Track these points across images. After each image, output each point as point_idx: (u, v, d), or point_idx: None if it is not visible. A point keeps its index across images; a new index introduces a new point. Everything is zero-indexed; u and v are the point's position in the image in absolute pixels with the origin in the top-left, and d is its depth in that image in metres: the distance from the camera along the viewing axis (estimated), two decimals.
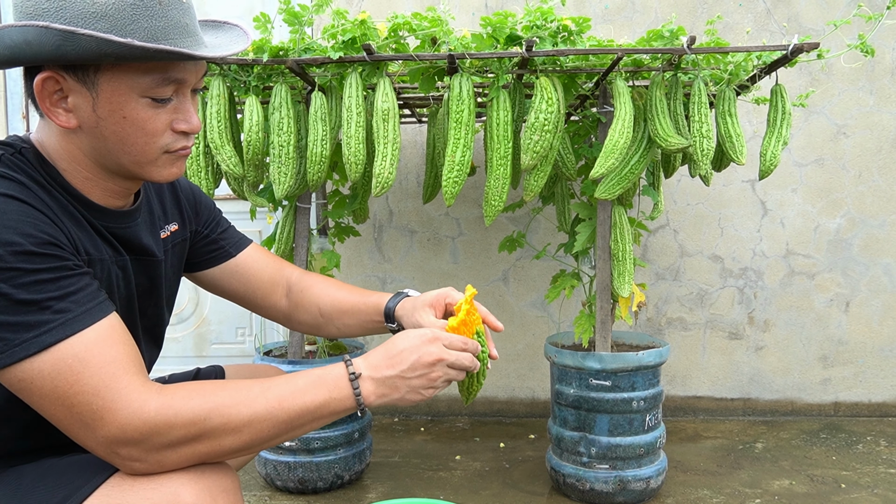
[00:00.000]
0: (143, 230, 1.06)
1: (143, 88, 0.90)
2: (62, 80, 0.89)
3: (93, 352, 0.83)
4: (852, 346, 2.91)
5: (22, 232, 0.82)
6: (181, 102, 0.95)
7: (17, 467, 0.93)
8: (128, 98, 0.90)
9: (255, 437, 0.90)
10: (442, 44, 1.85)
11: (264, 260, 1.32)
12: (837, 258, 2.89)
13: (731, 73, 1.96)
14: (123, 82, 0.89)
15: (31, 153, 0.93)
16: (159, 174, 0.98)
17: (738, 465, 2.41)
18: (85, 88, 0.89)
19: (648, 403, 2.05)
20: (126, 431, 0.83)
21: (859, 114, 2.83)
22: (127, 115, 0.91)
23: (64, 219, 0.91)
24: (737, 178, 2.89)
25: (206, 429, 0.86)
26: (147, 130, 0.93)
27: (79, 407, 0.82)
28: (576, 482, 2.06)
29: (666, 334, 2.96)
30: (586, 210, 2.17)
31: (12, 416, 0.94)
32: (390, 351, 0.99)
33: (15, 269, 0.80)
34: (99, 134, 0.92)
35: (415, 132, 2.96)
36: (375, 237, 3.02)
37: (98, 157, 0.94)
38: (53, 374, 0.81)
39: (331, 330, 1.31)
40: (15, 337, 0.80)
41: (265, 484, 2.25)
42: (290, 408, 0.91)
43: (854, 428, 2.79)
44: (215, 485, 0.89)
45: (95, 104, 0.90)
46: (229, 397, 0.89)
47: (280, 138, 1.96)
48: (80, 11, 0.85)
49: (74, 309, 0.84)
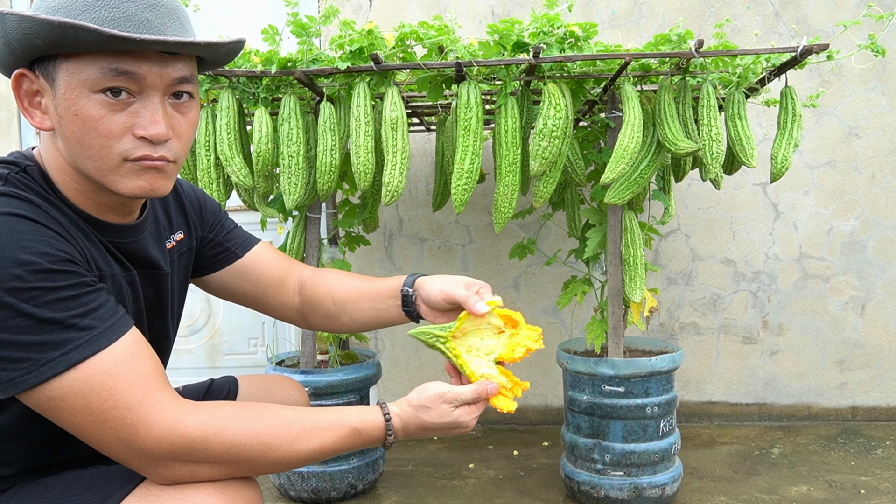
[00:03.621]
0: (149, 243, 1.06)
1: (92, 82, 0.85)
2: (33, 78, 0.87)
3: (122, 367, 0.84)
4: (869, 350, 2.88)
5: (38, 251, 0.81)
6: (143, 105, 0.88)
7: (41, 480, 0.94)
8: (80, 93, 0.85)
9: (289, 466, 0.95)
10: (449, 52, 1.85)
11: (274, 258, 1.29)
12: (852, 260, 2.86)
13: (740, 76, 1.95)
14: (76, 76, 0.85)
15: (35, 170, 0.92)
16: (123, 185, 0.90)
17: (754, 472, 2.38)
18: (48, 84, 0.86)
19: (662, 409, 2.03)
20: (162, 445, 0.84)
21: (871, 115, 2.80)
22: (79, 113, 0.85)
23: (75, 235, 0.90)
24: (748, 182, 2.87)
25: (244, 454, 0.89)
26: (100, 131, 0.86)
27: (113, 422, 0.83)
28: (590, 489, 2.05)
29: (679, 339, 2.94)
30: (597, 215, 2.16)
31: (31, 433, 0.95)
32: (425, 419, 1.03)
33: (36, 289, 0.80)
34: (63, 135, 0.88)
35: (423, 140, 2.96)
36: (386, 246, 3.02)
37: (73, 164, 0.91)
38: (85, 390, 0.81)
39: (343, 319, 1.27)
40: (41, 357, 0.80)
41: (279, 494, 2.24)
42: (328, 450, 0.96)
43: (872, 433, 2.75)
44: (240, 495, 0.91)
45: (56, 100, 0.86)
46: (271, 429, 0.91)
47: (289, 149, 1.97)
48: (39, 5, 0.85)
49: (99, 325, 0.84)
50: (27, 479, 0.95)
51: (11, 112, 3.16)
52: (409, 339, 3.04)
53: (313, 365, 2.22)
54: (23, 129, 3.20)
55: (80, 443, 0.95)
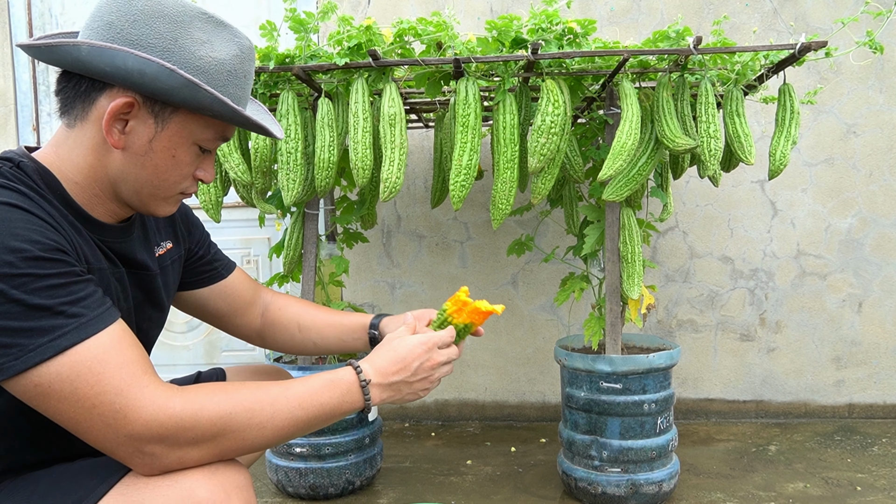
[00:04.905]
0: (137, 246, 1.09)
1: (201, 138, 1.00)
2: (137, 107, 0.94)
3: (111, 353, 0.84)
4: (866, 347, 2.88)
5: (29, 239, 0.83)
6: (209, 157, 1.05)
7: (31, 474, 0.94)
8: (184, 141, 0.98)
9: (276, 434, 0.94)
10: (447, 48, 1.85)
11: (247, 282, 1.39)
12: (849, 258, 2.86)
13: (739, 73, 1.95)
14: (188, 128, 0.98)
15: (29, 167, 0.94)
16: (164, 209, 1.05)
17: (751, 468, 2.39)
18: (153, 121, 0.95)
19: (660, 406, 2.04)
20: (151, 428, 0.84)
21: (869, 112, 2.81)
22: (176, 155, 0.99)
23: (65, 228, 0.92)
24: (746, 179, 2.88)
25: (231, 424, 0.90)
26: (183, 172, 1.01)
27: (101, 407, 0.83)
28: (587, 486, 2.05)
29: (677, 336, 2.94)
30: (595, 212, 2.16)
31: (19, 427, 0.95)
32: (394, 356, 1.08)
33: (27, 275, 0.81)
34: (140, 162, 0.97)
35: (422, 137, 2.96)
36: (384, 242, 3.02)
37: (120, 180, 0.99)
38: (73, 376, 0.82)
39: (306, 345, 1.38)
40: (29, 342, 0.81)
41: (276, 490, 2.25)
42: (308, 407, 0.97)
43: (869, 430, 2.76)
44: (229, 481, 0.91)
45: (155, 137, 0.96)
46: (251, 395, 0.93)
47: (287, 145, 1.97)
48: (185, 60, 0.93)
49: (87, 313, 0.85)
50: (14, 476, 0.95)
51: (8, 108, 3.15)
52: None
53: (311, 360, 2.22)
54: (20, 125, 3.19)
55: (68, 439, 0.96)
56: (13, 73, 3.16)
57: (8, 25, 3.13)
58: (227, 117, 0.97)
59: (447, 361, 1.12)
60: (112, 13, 0.92)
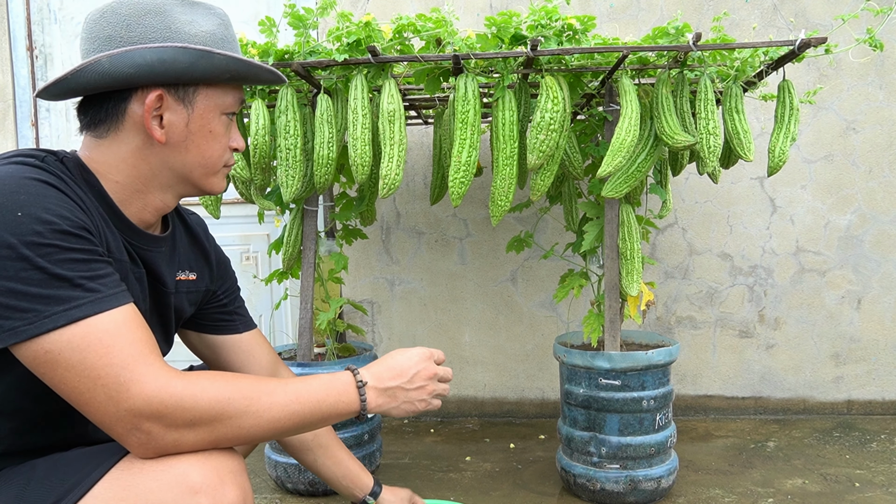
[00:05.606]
0: (161, 260, 1.12)
1: (225, 106, 1.06)
2: (165, 99, 1.00)
3: (121, 330, 0.87)
4: (865, 344, 2.89)
5: (59, 214, 0.87)
6: (233, 125, 1.11)
7: (30, 461, 0.96)
8: (214, 114, 1.05)
9: (271, 425, 0.95)
10: (447, 45, 1.85)
11: (266, 347, 1.38)
12: (848, 255, 2.87)
13: (738, 70, 1.95)
14: (213, 100, 1.04)
15: (71, 162, 0.99)
16: (219, 185, 1.11)
17: (750, 465, 2.39)
18: (182, 106, 1.02)
19: (659, 402, 2.04)
20: (151, 403, 0.86)
21: (869, 109, 2.81)
22: (213, 130, 1.06)
23: (95, 215, 0.96)
24: (745, 176, 2.88)
25: (229, 409, 0.91)
26: (223, 144, 1.08)
27: (105, 379, 0.85)
28: (586, 482, 2.06)
29: (676, 333, 2.95)
30: (594, 209, 2.16)
31: (23, 409, 0.97)
32: (392, 365, 1.12)
33: (53, 246, 0.85)
34: (184, 147, 1.04)
35: (421, 133, 2.96)
36: (383, 239, 3.02)
37: (168, 171, 1.05)
38: (83, 346, 0.85)
39: (309, 457, 1.41)
40: (46, 309, 0.84)
41: (276, 486, 2.25)
42: (305, 402, 0.99)
43: (867, 426, 2.76)
44: (223, 465, 0.92)
45: (190, 120, 1.03)
46: (250, 385, 0.95)
47: (286, 141, 1.97)
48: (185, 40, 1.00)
49: (104, 290, 0.88)
50: (14, 462, 0.97)
51: (7, 103, 3.15)
52: (406, 334, 3.04)
53: (310, 358, 2.22)
54: (18, 121, 3.18)
55: (68, 424, 1.00)
56: (11, 68, 3.15)
57: (7, 21, 3.13)
58: (243, 73, 1.04)
59: (444, 378, 1.16)
60: (105, 27, 0.98)
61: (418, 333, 3.04)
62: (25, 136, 3.19)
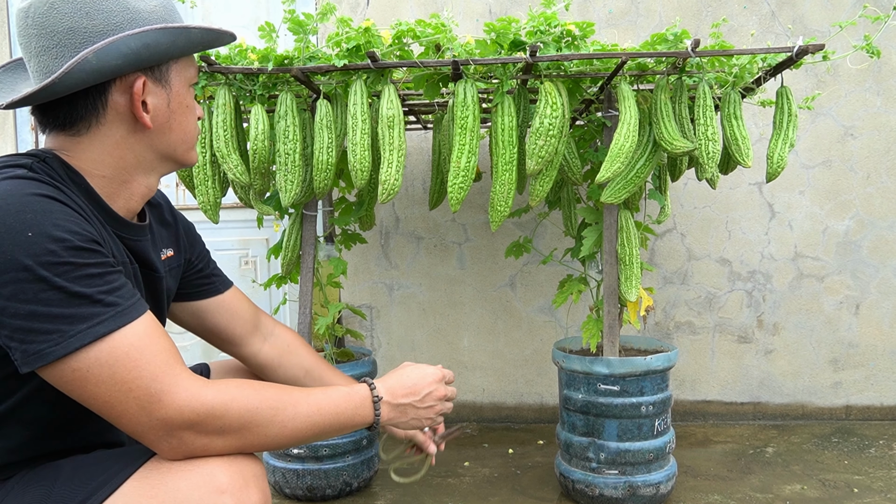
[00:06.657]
0: (149, 246, 1.12)
1: (191, 77, 1.06)
2: (146, 83, 0.99)
3: (145, 341, 0.88)
4: (863, 349, 2.89)
5: (69, 230, 0.87)
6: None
7: (54, 462, 0.97)
8: (186, 88, 1.05)
9: (294, 434, 0.99)
10: (446, 50, 1.85)
11: (246, 301, 1.39)
12: (847, 260, 2.87)
13: (736, 76, 1.96)
14: (182, 74, 1.04)
15: (54, 162, 0.97)
16: (194, 157, 1.12)
17: (748, 470, 2.39)
18: (161, 88, 1.01)
19: (657, 408, 2.04)
20: (184, 413, 0.88)
21: (866, 115, 2.81)
22: (189, 104, 1.06)
23: (94, 221, 0.96)
24: (744, 181, 2.88)
25: (256, 418, 0.94)
26: (196, 115, 1.09)
27: (137, 391, 0.86)
28: (585, 488, 2.05)
29: (674, 338, 2.95)
30: (593, 214, 2.17)
31: (41, 416, 0.97)
32: (406, 380, 1.16)
33: (69, 263, 0.85)
34: (168, 127, 1.04)
35: (420, 139, 2.96)
36: (382, 244, 3.02)
37: (151, 154, 1.04)
38: (111, 361, 0.85)
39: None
40: (69, 329, 0.84)
41: (274, 492, 2.25)
42: (325, 413, 1.02)
43: (866, 432, 2.76)
44: (247, 469, 0.95)
45: (170, 99, 1.03)
46: (277, 395, 0.98)
47: (286, 146, 1.97)
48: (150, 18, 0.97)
49: (122, 302, 0.89)
50: (33, 467, 0.97)
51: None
52: (404, 339, 3.04)
53: None
54: (18, 125, 3.18)
55: (86, 429, 1.01)
56: None
57: (6, 25, 3.13)
58: (213, 41, 1.05)
59: (451, 398, 1.22)
60: (62, 19, 0.92)
61: (417, 338, 3.04)
62: (25, 141, 3.19)
